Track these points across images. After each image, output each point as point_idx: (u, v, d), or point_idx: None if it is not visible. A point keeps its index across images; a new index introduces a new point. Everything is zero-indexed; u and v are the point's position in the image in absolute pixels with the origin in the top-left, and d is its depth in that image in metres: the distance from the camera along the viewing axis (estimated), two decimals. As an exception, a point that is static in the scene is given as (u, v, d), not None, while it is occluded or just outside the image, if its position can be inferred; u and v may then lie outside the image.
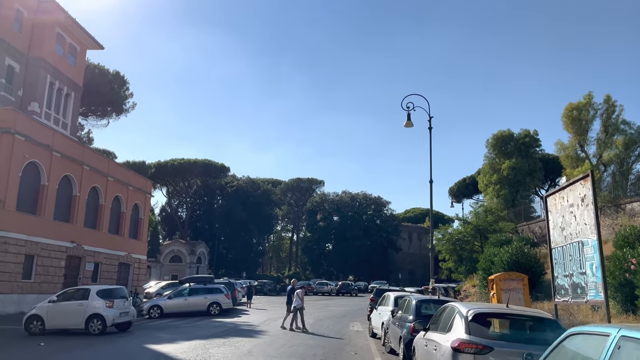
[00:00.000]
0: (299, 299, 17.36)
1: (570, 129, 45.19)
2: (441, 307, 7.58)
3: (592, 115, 44.50)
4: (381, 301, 15.67)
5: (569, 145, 45.95)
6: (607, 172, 43.30)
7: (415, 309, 10.34)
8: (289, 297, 18.11)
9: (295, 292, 17.70)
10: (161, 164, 76.08)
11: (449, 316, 6.66)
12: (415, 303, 10.53)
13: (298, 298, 17.37)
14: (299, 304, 17.36)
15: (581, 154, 46.33)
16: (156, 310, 22.86)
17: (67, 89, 33.78)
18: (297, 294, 17.49)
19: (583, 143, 46.06)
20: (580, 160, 46.58)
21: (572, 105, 45.06)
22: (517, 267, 21.98)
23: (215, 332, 15.90)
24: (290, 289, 18.43)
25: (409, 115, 21.50)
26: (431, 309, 10.72)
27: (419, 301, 10.63)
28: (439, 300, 10.99)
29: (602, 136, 44.91)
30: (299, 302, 17.35)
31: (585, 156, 46.33)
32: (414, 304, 10.52)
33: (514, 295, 16.99)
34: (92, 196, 27.27)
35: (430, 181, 21.21)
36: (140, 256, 32.70)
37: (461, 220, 39.97)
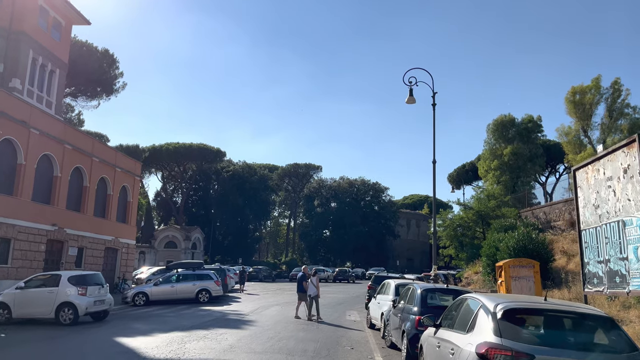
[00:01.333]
0: (314, 287, 16.36)
1: (573, 114, 43.88)
2: (457, 299, 6.18)
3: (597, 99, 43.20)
4: (380, 289, 14.34)
5: (572, 130, 44.72)
6: None
7: (421, 300, 8.97)
8: (299, 285, 17.06)
9: (310, 279, 16.67)
10: (155, 148, 74.54)
11: (468, 311, 5.27)
12: (421, 292, 9.16)
13: (313, 285, 16.40)
14: (314, 292, 16.40)
15: (584, 139, 45.21)
16: (141, 297, 21.55)
17: (51, 66, 32.07)
18: (312, 282, 16.51)
19: (586, 128, 44.80)
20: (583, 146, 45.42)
21: (575, 88, 43.62)
22: (525, 253, 20.73)
23: (199, 322, 14.58)
24: (301, 276, 17.34)
25: (411, 91, 20.02)
26: (438, 299, 9.39)
27: (425, 290, 9.26)
28: (448, 290, 9.62)
29: (607, 121, 43.62)
30: (314, 290, 16.37)
31: (589, 141, 45.16)
32: (418, 294, 9.16)
33: (524, 284, 15.73)
34: (75, 177, 25.79)
35: (433, 161, 19.81)
36: (128, 241, 31.32)
37: (462, 206, 38.61)
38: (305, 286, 16.62)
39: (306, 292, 16.53)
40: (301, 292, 16.87)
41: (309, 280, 16.66)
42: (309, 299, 16.41)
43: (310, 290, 16.37)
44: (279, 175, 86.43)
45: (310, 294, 16.36)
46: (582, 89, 43.06)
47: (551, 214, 33.09)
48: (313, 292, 16.39)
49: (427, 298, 9.12)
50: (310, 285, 16.50)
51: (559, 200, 33.40)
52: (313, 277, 16.82)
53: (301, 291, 16.87)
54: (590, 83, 42.76)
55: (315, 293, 16.43)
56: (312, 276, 16.91)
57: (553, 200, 35.76)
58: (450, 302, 9.39)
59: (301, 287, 16.85)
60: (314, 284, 16.48)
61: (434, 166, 19.71)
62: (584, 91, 43.04)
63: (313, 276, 16.90)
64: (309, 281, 16.63)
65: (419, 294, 9.17)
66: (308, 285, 16.50)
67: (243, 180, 79.56)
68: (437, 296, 9.55)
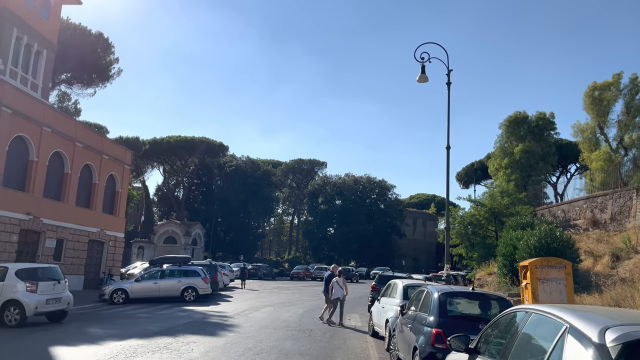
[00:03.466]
0: (340, 288, 14.47)
1: (591, 110, 42.14)
2: (507, 312, 3.92)
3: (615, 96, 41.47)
4: (385, 291, 12.11)
5: (588, 127, 42.92)
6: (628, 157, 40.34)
7: (439, 307, 6.75)
8: (326, 285, 15.31)
9: (334, 280, 14.79)
10: (156, 140, 72.76)
11: (539, 336, 3.04)
12: (439, 297, 6.93)
13: (339, 287, 14.51)
14: (340, 294, 14.54)
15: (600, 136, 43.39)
16: (120, 294, 19.47)
17: (37, 46, 30.08)
18: (337, 283, 14.61)
19: (603, 125, 43.02)
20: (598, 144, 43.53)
21: (595, 84, 41.84)
22: (547, 252, 18.42)
23: (170, 325, 12.45)
24: (329, 276, 15.56)
25: (423, 68, 17.75)
26: (462, 306, 7.15)
27: (444, 294, 7.01)
28: (474, 295, 7.39)
29: (624, 118, 41.85)
30: (340, 292, 14.51)
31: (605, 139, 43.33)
32: (435, 299, 6.93)
33: (554, 287, 13.44)
34: (54, 163, 23.74)
35: (447, 147, 17.60)
36: (116, 233, 29.26)
37: (474, 203, 36.24)
38: (331, 287, 14.88)
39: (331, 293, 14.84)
40: (328, 293, 15.20)
41: (334, 281, 14.86)
42: (334, 300, 14.73)
43: (337, 292, 14.57)
44: (282, 171, 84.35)
45: (339, 296, 14.59)
46: (602, 85, 41.26)
47: (570, 212, 30.80)
48: (340, 294, 14.60)
49: (447, 305, 6.90)
50: (335, 286, 14.68)
51: (579, 198, 31.09)
52: (339, 277, 15.00)
53: (328, 292, 15.18)
54: (611, 79, 40.90)
55: (342, 295, 14.64)
56: (338, 276, 15.12)
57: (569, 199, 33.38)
58: (476, 310, 7.16)
59: (328, 288, 15.16)
60: (340, 285, 14.65)
61: (448, 152, 17.50)
62: (605, 87, 41.24)
63: (339, 276, 15.07)
64: (334, 282, 14.83)
65: (436, 299, 6.94)
66: (334, 286, 14.71)
67: (246, 176, 77.52)
68: (460, 302, 7.34)
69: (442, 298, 6.89)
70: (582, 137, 43.24)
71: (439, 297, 6.90)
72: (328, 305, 15.23)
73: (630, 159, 40.22)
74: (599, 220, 27.55)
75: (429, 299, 7.20)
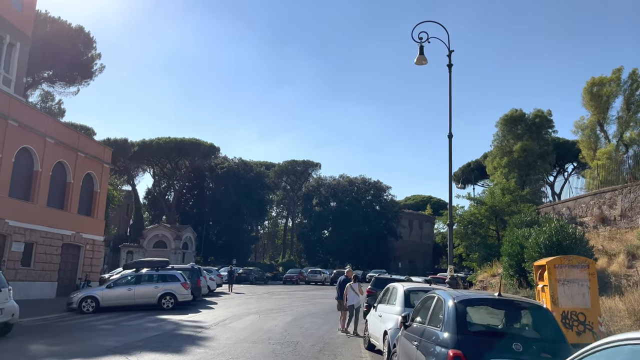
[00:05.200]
0: (356, 294, 12.96)
1: (590, 106, 41.13)
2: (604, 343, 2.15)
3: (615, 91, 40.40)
4: (383, 297, 10.33)
5: (588, 124, 41.82)
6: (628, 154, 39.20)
7: (456, 320, 4.99)
8: (339, 290, 14.09)
9: (349, 285, 13.26)
10: (145, 142, 70.91)
11: None
12: (456, 306, 5.14)
13: (354, 293, 12.99)
14: (355, 300, 13.05)
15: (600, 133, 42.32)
16: (90, 303, 17.61)
17: (10, 38, 28.24)
18: (352, 288, 13.09)
19: (603, 122, 41.95)
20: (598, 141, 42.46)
21: (594, 80, 40.72)
22: (559, 251, 16.80)
23: (131, 340, 10.65)
24: (344, 280, 14.09)
25: (421, 49, 16.10)
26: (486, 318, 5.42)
27: (462, 302, 5.20)
28: (501, 302, 5.56)
29: (624, 114, 40.81)
30: (355, 298, 13.00)
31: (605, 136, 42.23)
32: (451, 309, 5.15)
33: (576, 289, 11.75)
34: (22, 160, 21.87)
35: (449, 135, 15.90)
36: (94, 236, 27.34)
37: (474, 201, 34.63)
38: (346, 293, 13.36)
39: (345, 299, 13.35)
40: (341, 299, 13.81)
41: (348, 286, 13.31)
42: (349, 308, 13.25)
43: (352, 299, 13.04)
44: (276, 173, 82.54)
45: (353, 303, 13.09)
46: (601, 80, 40.18)
47: (576, 209, 29.22)
48: (355, 300, 13.11)
49: (467, 316, 5.16)
50: (350, 292, 13.14)
51: (586, 194, 29.50)
52: (354, 282, 13.45)
53: (341, 298, 13.67)
54: (611, 74, 39.77)
55: (357, 302, 13.14)
56: (353, 281, 13.61)
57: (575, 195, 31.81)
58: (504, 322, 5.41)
59: (342, 294, 13.72)
60: (355, 291, 13.11)
61: (450, 141, 15.80)
62: (604, 83, 40.12)
63: (354, 281, 13.52)
64: (348, 287, 13.29)
65: (451, 308, 5.18)
66: (348, 292, 13.19)
67: (238, 178, 75.69)
68: (482, 312, 5.60)
69: (459, 307, 5.13)
70: (582, 134, 42.13)
71: (456, 306, 5.15)
72: (343, 313, 13.80)
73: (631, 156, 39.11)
74: (607, 217, 25.98)
75: (441, 309, 5.46)
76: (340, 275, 15.66)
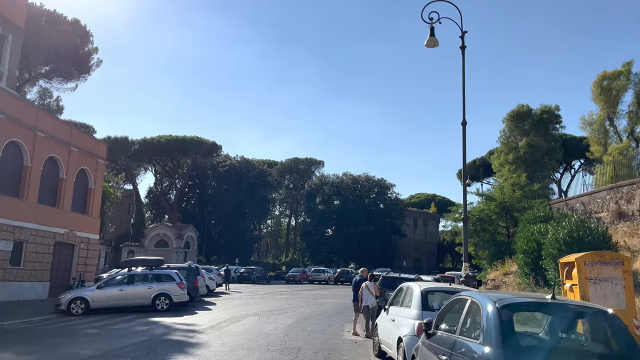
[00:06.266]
0: (371, 295, 12.16)
1: (600, 101, 40.01)
2: None
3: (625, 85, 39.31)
4: (395, 298, 9.17)
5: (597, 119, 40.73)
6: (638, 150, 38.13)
7: (502, 331, 3.81)
8: (355, 291, 13.28)
9: (364, 285, 12.44)
10: (147, 140, 70.02)
11: None
12: (499, 313, 3.95)
13: (369, 293, 12.20)
14: (371, 301, 12.26)
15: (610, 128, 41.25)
16: (79, 304, 16.55)
17: (2, 30, 27.24)
18: (368, 288, 12.29)
19: (613, 116, 40.87)
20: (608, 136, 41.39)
21: (605, 73, 39.59)
22: (581, 247, 15.62)
23: (112, 347, 9.54)
24: (359, 280, 13.24)
25: (432, 30, 14.95)
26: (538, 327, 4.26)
27: (507, 307, 4.02)
28: (558, 307, 4.37)
29: (635, 108, 39.76)
30: (371, 298, 12.20)
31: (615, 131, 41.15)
32: (494, 316, 3.95)
33: (609, 289, 10.60)
34: (10, 154, 20.80)
35: (463, 123, 14.78)
36: (89, 235, 26.28)
37: (483, 197, 33.41)
38: (361, 293, 12.52)
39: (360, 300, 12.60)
40: (356, 301, 12.95)
41: (363, 287, 12.47)
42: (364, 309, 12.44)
43: (367, 299, 12.24)
44: (278, 171, 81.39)
45: (368, 304, 12.29)
46: (612, 74, 39.05)
47: (591, 205, 27.96)
48: (370, 301, 12.32)
49: (513, 325, 4.01)
50: (365, 292, 12.33)
51: (602, 188, 28.22)
52: (369, 282, 12.63)
53: (357, 300, 12.93)
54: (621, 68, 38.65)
55: (373, 303, 12.32)
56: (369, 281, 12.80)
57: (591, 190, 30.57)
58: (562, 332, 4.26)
59: (357, 295, 12.89)
60: (370, 291, 12.30)
61: (464, 129, 14.67)
62: (614, 76, 39.03)
63: (370, 281, 12.71)
64: (363, 287, 12.45)
65: (492, 315, 4.01)
66: (363, 293, 12.39)
67: (241, 176, 74.68)
68: (527, 320, 4.45)
69: (504, 314, 3.98)
70: (591, 129, 41.07)
71: (499, 312, 4.00)
72: (357, 315, 12.92)
73: (643, 152, 38.09)
74: (625, 212, 24.75)
75: (477, 315, 4.32)
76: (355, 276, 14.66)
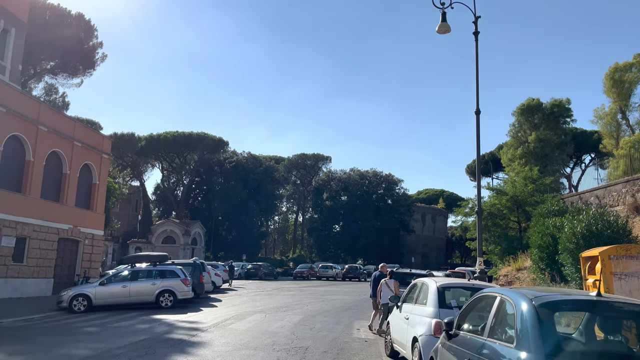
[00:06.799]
0: (391, 292, 11.68)
1: (612, 93, 39.34)
2: None
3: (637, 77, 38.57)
4: (409, 295, 8.60)
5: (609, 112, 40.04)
6: None
7: (540, 332, 3.27)
8: (374, 287, 13.03)
9: (383, 282, 12.06)
10: (153, 137, 69.86)
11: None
12: (536, 313, 3.40)
13: (389, 290, 11.77)
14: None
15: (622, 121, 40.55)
16: (81, 301, 16.15)
17: (4, 23, 26.87)
18: (387, 285, 12.00)
19: (625, 109, 40.15)
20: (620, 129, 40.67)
21: (617, 65, 38.84)
22: (599, 241, 14.99)
23: (109, 347, 9.06)
24: (378, 276, 13.19)
25: (443, 15, 14.33)
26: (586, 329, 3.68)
27: (544, 306, 3.47)
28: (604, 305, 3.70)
29: None
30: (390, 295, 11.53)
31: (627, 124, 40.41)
32: (528, 315, 3.41)
33: (635, 284, 9.97)
34: (12, 148, 20.44)
35: (476, 112, 14.14)
36: (93, 231, 25.94)
37: (494, 191, 32.72)
38: (379, 290, 12.30)
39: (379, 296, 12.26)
40: (376, 296, 12.71)
41: (382, 283, 12.11)
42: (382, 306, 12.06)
43: (386, 296, 11.77)
44: (285, 167, 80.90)
45: (387, 301, 11.80)
46: (624, 66, 38.28)
47: (606, 198, 27.19)
48: None
49: (554, 328, 3.45)
50: (384, 289, 11.94)
51: (619, 181, 27.43)
52: (389, 279, 12.23)
53: (376, 296, 12.66)
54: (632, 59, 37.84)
55: None
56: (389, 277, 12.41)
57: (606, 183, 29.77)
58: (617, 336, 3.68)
59: (376, 291, 12.62)
60: (390, 288, 11.87)
61: (478, 118, 14.04)
62: (626, 68, 38.25)
63: (390, 277, 12.31)
64: (382, 284, 12.08)
65: (528, 315, 3.43)
66: (382, 289, 12.11)
67: (247, 172, 74.32)
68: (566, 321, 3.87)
69: (543, 315, 3.40)
70: (603, 123, 40.44)
71: (537, 311, 3.43)
72: (376, 311, 12.54)
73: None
74: (642, 205, 24.01)
75: (509, 315, 3.75)
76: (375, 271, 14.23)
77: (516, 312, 3.65)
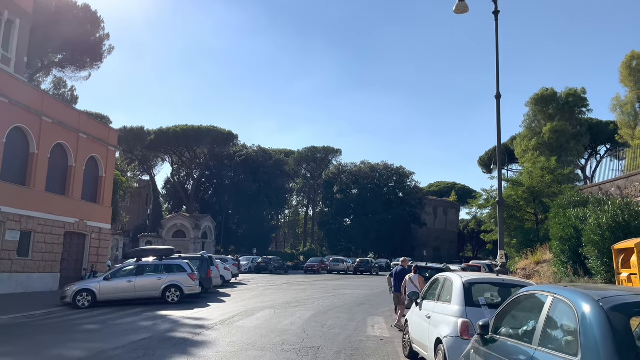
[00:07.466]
0: (415, 288, 11.26)
1: (629, 82, 38.18)
2: None
3: None
4: (430, 290, 7.89)
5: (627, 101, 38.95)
6: None
7: (614, 344, 2.57)
8: (396, 282, 12.70)
9: (408, 277, 11.94)
10: (163, 130, 69.63)
11: None
12: (607, 318, 2.65)
13: (413, 286, 11.34)
14: None
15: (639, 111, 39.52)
16: (85, 297, 15.66)
17: (8, 14, 26.41)
18: (411, 280, 11.74)
19: None
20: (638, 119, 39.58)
21: (634, 53, 37.66)
22: (627, 233, 14.16)
23: (107, 348, 8.46)
24: (400, 271, 12.81)
25: (461, -6, 13.47)
26: None
27: (616, 310, 2.78)
28: None
29: None
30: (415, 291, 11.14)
31: None
32: (596, 321, 2.63)
33: (676, 279, 9.13)
34: (15, 140, 19.99)
35: (496, 96, 13.34)
36: (100, 224, 25.52)
37: (510, 182, 31.81)
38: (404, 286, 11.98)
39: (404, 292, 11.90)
40: (398, 292, 12.41)
41: (407, 279, 11.87)
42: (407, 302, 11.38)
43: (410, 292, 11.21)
44: (295, 160, 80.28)
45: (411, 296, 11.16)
46: (640, 54, 37.12)
47: (628, 188, 26.14)
48: None
49: (633, 338, 2.76)
50: (409, 285, 11.52)
51: None
52: (413, 275, 11.81)
53: (398, 291, 12.39)
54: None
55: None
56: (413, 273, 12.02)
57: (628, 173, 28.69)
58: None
59: (399, 287, 12.32)
60: (414, 284, 11.42)
61: (498, 102, 13.25)
62: (643, 56, 37.14)
63: (414, 273, 11.90)
64: (407, 279, 11.86)
65: (596, 320, 2.62)
66: (407, 285, 11.73)
67: (257, 166, 73.80)
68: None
69: (616, 320, 2.69)
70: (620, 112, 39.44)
71: (608, 317, 2.71)
72: (400, 307, 12.09)
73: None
74: (667, 196, 23.00)
75: (567, 319, 3.03)
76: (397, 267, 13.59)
77: (578, 317, 2.93)
